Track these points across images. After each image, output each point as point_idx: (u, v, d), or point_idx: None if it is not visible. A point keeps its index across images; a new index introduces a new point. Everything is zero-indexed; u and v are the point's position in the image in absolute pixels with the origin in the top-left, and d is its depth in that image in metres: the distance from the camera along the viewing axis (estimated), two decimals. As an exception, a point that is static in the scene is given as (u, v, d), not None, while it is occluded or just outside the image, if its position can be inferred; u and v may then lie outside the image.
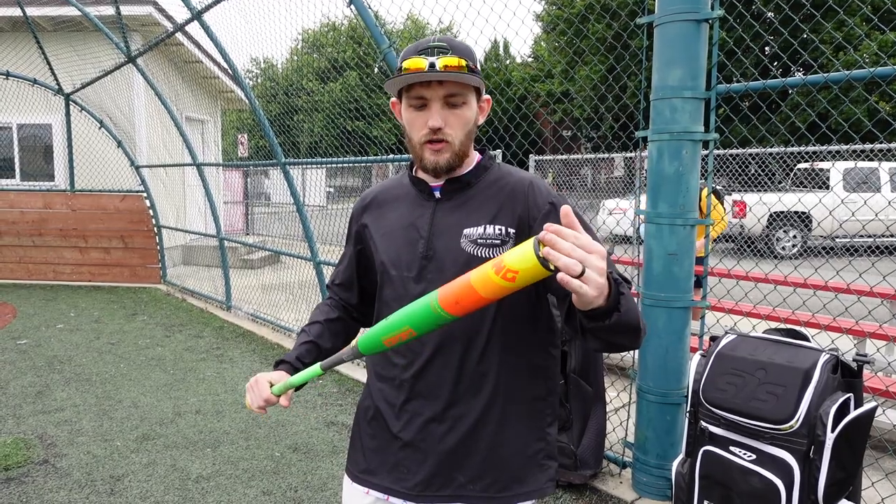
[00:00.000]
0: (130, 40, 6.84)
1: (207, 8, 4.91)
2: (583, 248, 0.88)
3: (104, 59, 7.43)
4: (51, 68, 8.14)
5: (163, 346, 5.43)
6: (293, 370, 1.34)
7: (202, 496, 2.93)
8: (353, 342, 1.17)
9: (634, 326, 1.04)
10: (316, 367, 1.24)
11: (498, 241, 1.24)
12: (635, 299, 2.76)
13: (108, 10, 6.69)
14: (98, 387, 4.37)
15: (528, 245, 0.92)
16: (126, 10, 6.87)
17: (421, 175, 1.32)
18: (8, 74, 8.21)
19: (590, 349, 2.90)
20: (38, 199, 8.23)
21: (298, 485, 3.05)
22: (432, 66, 1.17)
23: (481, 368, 1.26)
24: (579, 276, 0.88)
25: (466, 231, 1.25)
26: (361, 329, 1.49)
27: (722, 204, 5.01)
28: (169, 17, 8.36)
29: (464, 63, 1.19)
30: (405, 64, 1.20)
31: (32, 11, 7.87)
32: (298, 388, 1.31)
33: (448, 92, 1.21)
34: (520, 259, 0.92)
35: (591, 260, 0.89)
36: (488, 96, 1.32)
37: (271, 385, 1.29)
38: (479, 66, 1.25)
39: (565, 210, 0.91)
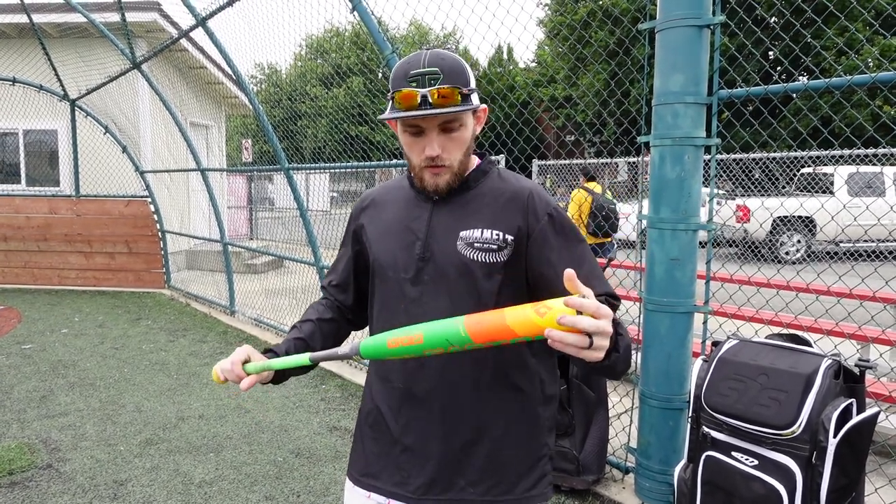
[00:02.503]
0: (135, 46, 6.88)
1: (212, 14, 4.94)
2: (602, 315, 0.93)
3: (109, 65, 7.48)
4: (56, 74, 8.20)
5: (166, 350, 5.45)
6: None
7: (205, 501, 2.94)
8: (356, 341, 1.14)
9: (624, 370, 1.09)
10: (304, 358, 1.18)
11: (495, 247, 1.24)
12: (636, 304, 2.73)
13: (114, 17, 6.73)
14: (102, 391, 4.38)
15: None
16: (131, 16, 6.92)
17: (419, 187, 1.32)
18: (14, 80, 8.27)
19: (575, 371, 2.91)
20: (44, 205, 8.27)
21: (301, 490, 3.05)
22: (425, 98, 1.15)
23: (480, 372, 1.26)
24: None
25: (463, 234, 1.25)
26: (357, 333, 1.48)
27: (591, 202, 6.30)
28: (174, 24, 8.41)
29: (457, 90, 1.16)
30: (397, 96, 1.17)
31: (39, 18, 7.93)
32: (279, 380, 1.28)
33: (443, 120, 1.19)
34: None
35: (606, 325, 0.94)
36: (484, 105, 1.30)
37: (248, 361, 1.23)
38: (472, 83, 1.21)
39: (569, 275, 0.93)
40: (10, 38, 8.97)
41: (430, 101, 1.15)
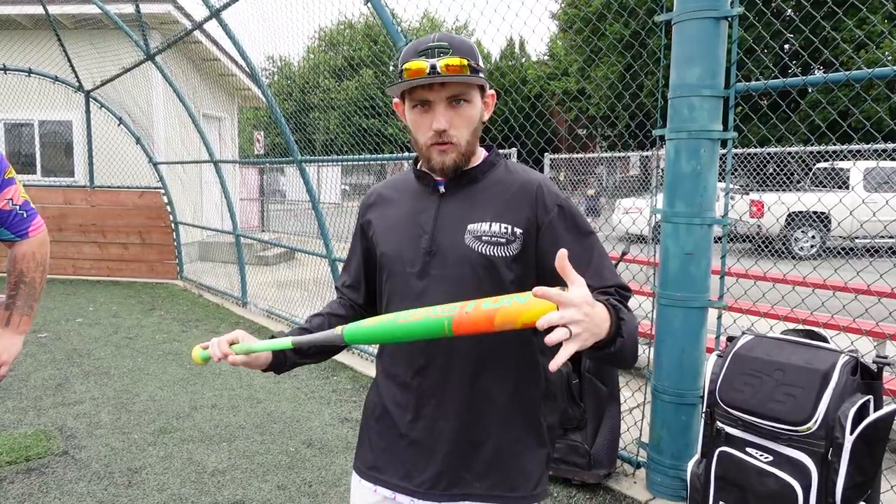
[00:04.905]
0: (150, 38, 6.91)
1: (226, 6, 4.94)
2: (568, 304, 0.93)
3: (124, 57, 7.52)
4: (72, 66, 8.25)
5: (179, 340, 5.49)
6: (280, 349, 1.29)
7: (218, 489, 2.96)
8: (341, 326, 1.15)
9: (632, 356, 1.09)
10: (287, 342, 1.20)
11: (503, 241, 1.23)
12: (650, 299, 2.72)
13: (128, 8, 6.76)
14: (116, 380, 4.43)
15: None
16: (146, 7, 6.94)
17: (426, 169, 1.32)
18: (30, 72, 8.33)
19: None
20: (59, 195, 8.35)
21: (313, 480, 3.07)
22: (433, 68, 1.15)
23: (487, 368, 1.26)
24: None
25: (471, 227, 1.24)
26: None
27: None
28: (187, 16, 8.44)
29: (465, 62, 1.16)
30: (406, 66, 1.18)
31: (54, 9, 7.98)
32: (279, 369, 1.31)
33: (451, 93, 1.19)
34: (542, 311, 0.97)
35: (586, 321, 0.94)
36: (492, 91, 1.29)
37: (236, 342, 1.25)
38: (480, 63, 1.22)
39: (562, 255, 0.95)
40: (27, 29, 9.04)
41: (439, 71, 1.15)
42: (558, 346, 0.93)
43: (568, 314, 0.91)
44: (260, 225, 14.26)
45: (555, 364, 0.91)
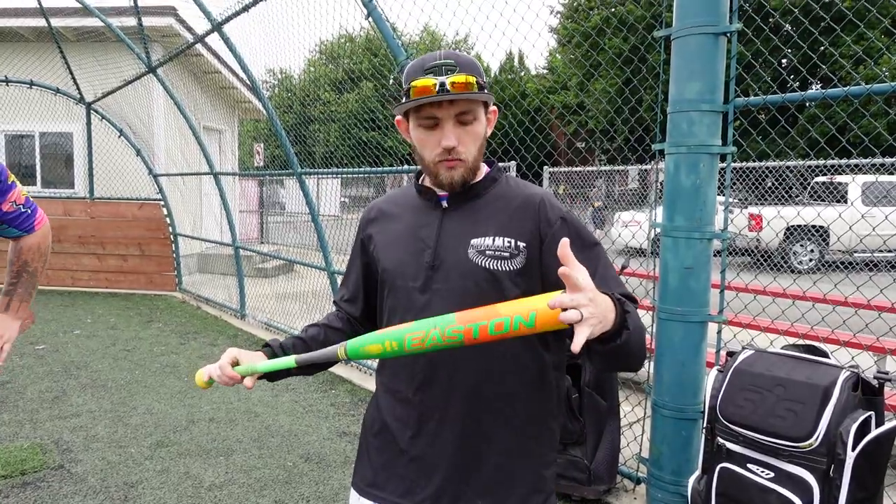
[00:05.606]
0: (151, 51, 6.95)
1: (227, 19, 4.98)
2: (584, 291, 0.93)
3: (125, 69, 7.56)
4: (73, 78, 8.29)
5: (177, 353, 5.47)
6: (273, 355, 1.29)
7: (214, 504, 2.93)
8: (343, 343, 1.15)
9: (640, 353, 1.09)
10: (290, 360, 1.20)
11: (507, 255, 1.23)
12: (649, 313, 2.72)
13: (131, 22, 6.81)
14: (113, 393, 4.40)
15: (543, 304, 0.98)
16: (147, 21, 6.99)
17: (428, 184, 1.32)
18: (32, 83, 8.37)
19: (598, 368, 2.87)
20: (58, 207, 8.35)
21: (311, 495, 3.04)
22: (442, 85, 1.16)
23: (490, 383, 1.25)
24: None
25: (474, 241, 1.24)
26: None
27: None
28: (189, 29, 8.49)
29: (473, 80, 1.18)
30: (413, 84, 1.19)
31: (57, 22, 8.03)
32: (273, 377, 1.27)
33: (459, 110, 1.20)
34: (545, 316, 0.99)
35: (588, 304, 0.94)
36: (494, 107, 1.31)
37: (237, 363, 1.25)
38: (484, 79, 1.24)
39: (564, 243, 0.95)
40: (29, 41, 9.09)
41: (448, 88, 1.16)
42: (566, 356, 0.93)
43: (577, 297, 0.92)
44: (259, 237, 14.26)
45: (577, 344, 0.91)
